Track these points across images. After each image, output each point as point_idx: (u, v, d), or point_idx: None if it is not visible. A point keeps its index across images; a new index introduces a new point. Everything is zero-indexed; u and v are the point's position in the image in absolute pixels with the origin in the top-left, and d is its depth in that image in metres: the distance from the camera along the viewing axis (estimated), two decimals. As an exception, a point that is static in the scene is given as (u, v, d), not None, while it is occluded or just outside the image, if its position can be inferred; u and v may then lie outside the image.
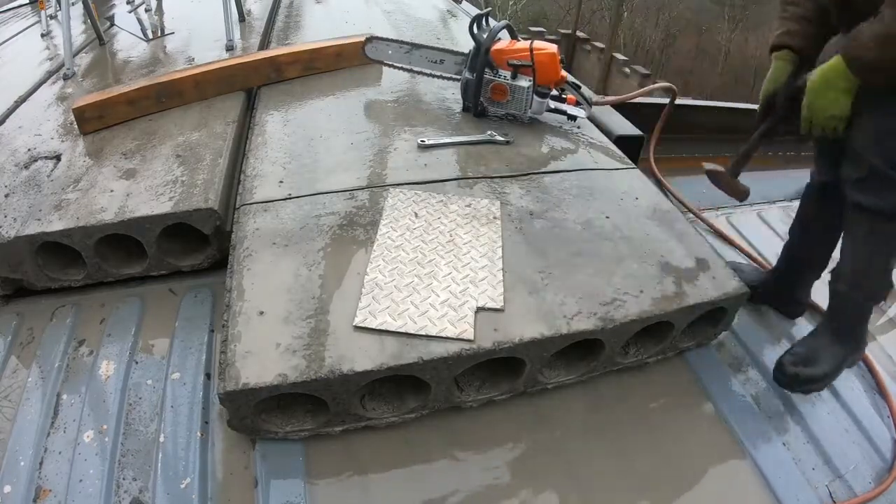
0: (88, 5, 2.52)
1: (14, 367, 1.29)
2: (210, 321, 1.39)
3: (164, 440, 1.14)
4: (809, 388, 1.33)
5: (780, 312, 1.61)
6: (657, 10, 21.13)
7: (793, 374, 1.31)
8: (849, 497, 1.19)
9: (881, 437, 1.33)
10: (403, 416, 1.18)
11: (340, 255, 1.33)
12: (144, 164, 1.61)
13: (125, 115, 1.83)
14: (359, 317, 1.16)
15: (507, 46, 1.87)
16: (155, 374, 1.27)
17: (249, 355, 1.09)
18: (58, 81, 2.18)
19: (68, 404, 1.21)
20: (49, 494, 1.05)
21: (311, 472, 1.11)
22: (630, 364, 1.33)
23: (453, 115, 1.97)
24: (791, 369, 1.31)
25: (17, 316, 1.41)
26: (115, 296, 1.46)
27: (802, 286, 1.60)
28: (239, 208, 1.48)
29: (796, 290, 1.60)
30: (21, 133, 1.81)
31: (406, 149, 1.75)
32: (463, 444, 1.18)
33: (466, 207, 1.50)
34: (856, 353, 1.39)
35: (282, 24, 2.82)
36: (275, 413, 1.14)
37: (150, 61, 2.32)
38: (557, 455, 1.17)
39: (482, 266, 1.31)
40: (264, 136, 1.78)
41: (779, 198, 2.19)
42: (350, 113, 1.94)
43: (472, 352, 1.12)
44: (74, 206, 1.43)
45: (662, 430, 1.25)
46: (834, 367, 1.34)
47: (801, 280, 1.59)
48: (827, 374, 1.33)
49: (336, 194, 1.53)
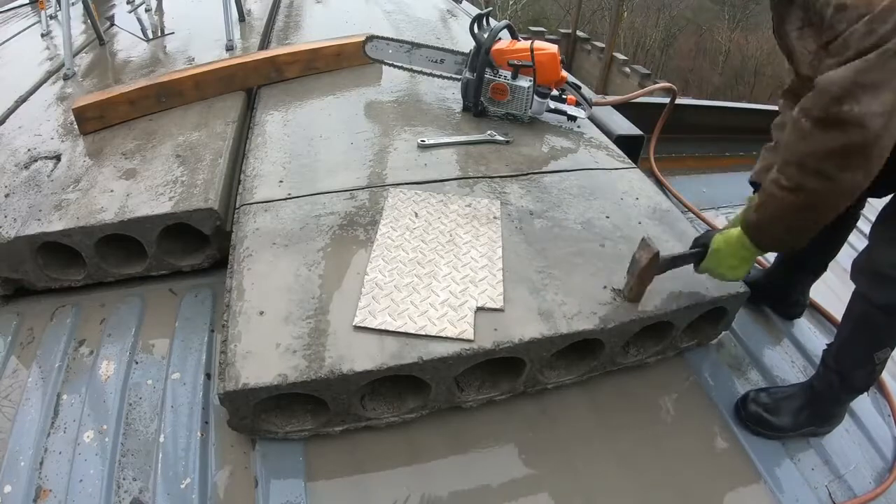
0: (88, 5, 2.52)
1: (14, 367, 1.29)
2: (210, 321, 1.39)
3: (164, 440, 1.14)
4: (764, 431, 1.26)
5: (777, 313, 1.60)
6: (657, 10, 21.13)
7: (755, 411, 1.27)
8: (849, 497, 1.19)
9: (881, 437, 1.33)
10: (403, 416, 1.18)
11: (340, 255, 1.33)
12: (144, 164, 1.61)
13: (125, 115, 1.83)
14: (358, 317, 1.16)
15: (507, 46, 1.87)
16: (155, 374, 1.27)
17: (249, 355, 1.09)
18: (58, 81, 2.18)
19: (68, 404, 1.21)
20: (49, 494, 1.05)
21: (311, 472, 1.11)
22: (630, 364, 1.33)
23: (453, 114, 1.97)
24: (753, 407, 1.27)
25: (17, 316, 1.41)
26: (115, 296, 1.46)
27: (798, 288, 1.58)
28: (239, 208, 1.48)
29: (791, 291, 1.58)
30: (21, 133, 1.81)
31: (406, 149, 1.75)
32: (463, 444, 1.18)
33: (466, 207, 1.50)
34: (821, 429, 1.30)
35: (282, 23, 2.82)
36: (275, 413, 1.14)
37: (150, 61, 2.32)
38: (557, 455, 1.17)
39: (482, 266, 1.31)
40: (264, 136, 1.78)
41: (779, 198, 2.18)
42: (350, 113, 1.94)
43: (472, 352, 1.12)
44: (74, 206, 1.43)
45: (662, 430, 1.25)
46: (792, 426, 1.27)
47: (796, 282, 1.57)
48: (783, 429, 1.26)
49: (336, 194, 1.53)
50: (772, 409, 1.26)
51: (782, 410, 1.26)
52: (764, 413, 1.26)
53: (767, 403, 1.27)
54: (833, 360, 1.25)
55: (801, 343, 1.52)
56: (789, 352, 1.50)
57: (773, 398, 1.28)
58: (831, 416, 1.29)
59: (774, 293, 1.59)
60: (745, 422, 1.27)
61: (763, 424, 1.25)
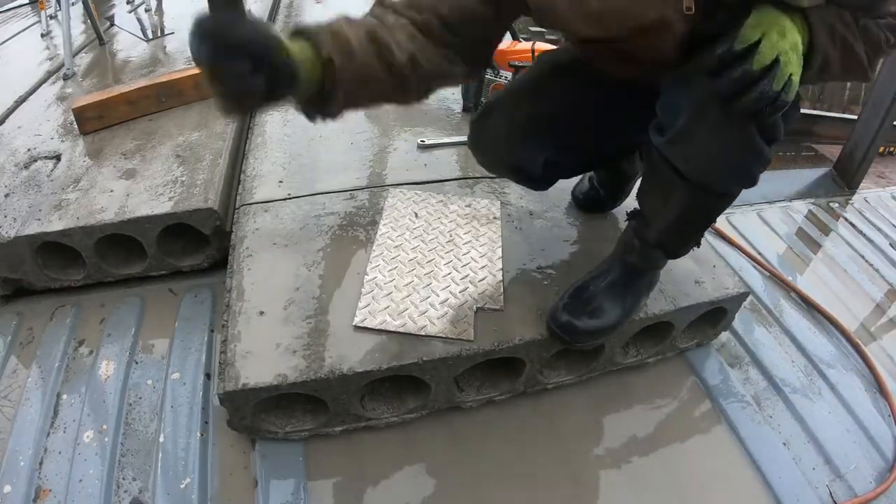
0: (88, 5, 2.51)
1: (14, 367, 1.29)
2: (210, 321, 1.39)
3: (163, 440, 1.14)
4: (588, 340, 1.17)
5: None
6: (657, 10, 21.11)
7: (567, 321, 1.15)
8: (849, 497, 1.18)
9: (882, 437, 1.32)
10: (403, 416, 1.18)
11: (340, 255, 1.33)
12: (144, 164, 1.61)
13: (125, 115, 1.83)
14: (358, 317, 1.16)
15: (508, 47, 1.87)
16: (155, 374, 1.27)
17: (249, 355, 1.09)
18: (58, 81, 2.18)
19: (68, 404, 1.21)
20: (49, 494, 1.05)
21: (311, 472, 1.11)
22: (630, 364, 1.33)
23: (453, 115, 1.97)
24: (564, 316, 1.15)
25: (17, 316, 1.41)
26: (115, 296, 1.46)
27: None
28: (239, 208, 1.48)
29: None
30: (21, 133, 1.81)
31: (406, 149, 1.75)
32: (463, 444, 1.18)
33: (466, 207, 1.49)
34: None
35: (282, 24, 2.82)
36: (274, 413, 1.14)
37: (150, 61, 2.32)
38: (557, 455, 1.17)
39: (482, 266, 1.31)
40: (264, 137, 1.78)
41: (779, 198, 2.19)
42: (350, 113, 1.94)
43: (472, 352, 1.12)
44: (74, 206, 1.43)
45: (662, 429, 1.25)
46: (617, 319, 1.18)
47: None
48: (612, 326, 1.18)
49: (336, 194, 1.53)
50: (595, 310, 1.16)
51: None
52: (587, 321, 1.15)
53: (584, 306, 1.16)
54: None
55: (801, 343, 1.52)
56: (789, 352, 1.50)
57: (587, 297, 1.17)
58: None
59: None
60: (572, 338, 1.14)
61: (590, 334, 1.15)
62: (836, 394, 1.40)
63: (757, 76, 0.77)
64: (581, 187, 1.53)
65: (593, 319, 1.15)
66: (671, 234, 1.13)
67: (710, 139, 0.91)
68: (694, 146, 0.94)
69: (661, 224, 1.12)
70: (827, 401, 1.38)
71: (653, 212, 1.13)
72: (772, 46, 0.76)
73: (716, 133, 0.90)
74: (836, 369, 1.47)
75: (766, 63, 0.76)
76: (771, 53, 0.76)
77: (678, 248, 1.19)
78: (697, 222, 1.14)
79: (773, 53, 0.76)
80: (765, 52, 0.76)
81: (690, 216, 1.10)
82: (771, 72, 0.76)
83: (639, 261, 1.18)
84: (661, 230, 1.13)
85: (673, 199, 1.05)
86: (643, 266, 1.20)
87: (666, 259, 1.21)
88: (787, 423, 1.31)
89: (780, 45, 0.76)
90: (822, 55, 0.83)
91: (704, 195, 1.03)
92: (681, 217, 1.08)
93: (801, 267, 1.86)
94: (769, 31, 0.76)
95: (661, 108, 0.97)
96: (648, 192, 1.14)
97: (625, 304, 1.19)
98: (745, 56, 0.77)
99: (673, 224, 1.10)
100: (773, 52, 0.76)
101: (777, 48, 0.76)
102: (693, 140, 0.93)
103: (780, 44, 0.77)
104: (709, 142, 0.91)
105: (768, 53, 0.76)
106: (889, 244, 2.04)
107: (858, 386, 1.44)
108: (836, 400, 1.39)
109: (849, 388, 1.42)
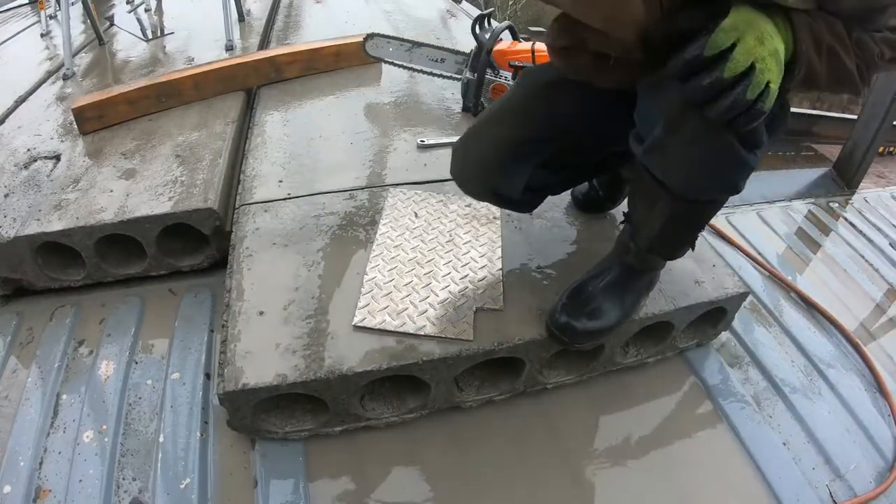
0: (88, 5, 2.52)
1: (14, 367, 1.29)
2: (210, 321, 1.39)
3: (163, 440, 1.14)
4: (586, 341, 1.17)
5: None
6: (657, 9, 21.10)
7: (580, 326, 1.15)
8: (849, 497, 1.18)
9: (882, 437, 1.32)
10: (403, 416, 1.18)
11: (340, 255, 1.33)
12: (144, 164, 1.61)
13: (125, 115, 1.83)
14: (358, 316, 1.16)
15: (508, 47, 1.86)
16: (154, 374, 1.27)
17: (249, 355, 1.09)
18: (57, 81, 2.18)
19: (68, 404, 1.20)
20: (49, 494, 1.05)
21: (311, 472, 1.11)
22: (630, 364, 1.33)
23: (453, 115, 1.97)
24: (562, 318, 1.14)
25: (17, 316, 1.41)
26: (115, 296, 1.46)
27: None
28: (238, 208, 1.48)
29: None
30: (21, 133, 1.81)
31: (406, 149, 1.75)
32: (463, 444, 1.18)
33: (466, 207, 1.49)
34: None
35: (281, 24, 2.82)
36: (274, 413, 1.14)
37: (150, 61, 2.32)
38: (557, 455, 1.17)
39: (482, 266, 1.31)
40: (264, 136, 1.78)
41: (779, 198, 2.19)
42: (350, 113, 1.94)
43: (472, 352, 1.12)
44: (74, 206, 1.43)
45: (662, 429, 1.25)
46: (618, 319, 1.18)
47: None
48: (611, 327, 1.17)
49: (336, 194, 1.53)
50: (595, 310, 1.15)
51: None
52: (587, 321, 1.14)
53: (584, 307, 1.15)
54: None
55: (801, 343, 1.52)
56: (789, 351, 1.50)
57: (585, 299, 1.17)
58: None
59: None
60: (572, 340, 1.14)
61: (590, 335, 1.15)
62: (836, 394, 1.40)
63: (728, 84, 0.72)
64: (581, 187, 1.54)
65: (592, 320, 1.15)
66: (661, 239, 1.12)
67: (688, 149, 0.87)
68: (672, 156, 0.90)
69: (649, 231, 1.10)
70: (827, 401, 1.38)
71: (640, 219, 1.11)
72: (747, 52, 0.71)
73: (693, 142, 0.86)
74: (836, 369, 1.47)
75: (739, 71, 0.72)
76: (745, 60, 0.72)
77: (670, 252, 1.18)
78: (686, 228, 1.12)
79: (748, 60, 0.72)
80: (738, 58, 0.71)
81: (677, 223, 1.08)
82: (746, 80, 0.72)
83: (636, 262, 1.18)
84: (650, 237, 1.11)
85: (657, 207, 1.03)
86: (641, 267, 1.19)
87: (664, 261, 1.21)
88: (787, 423, 1.31)
89: (757, 51, 0.72)
90: (805, 64, 0.78)
91: (687, 203, 1.00)
92: (667, 224, 1.06)
93: (800, 267, 1.86)
94: (745, 36, 0.72)
95: (637, 116, 0.94)
96: (635, 200, 1.13)
97: (624, 304, 1.19)
98: (717, 62, 0.72)
99: (661, 230, 1.08)
100: (747, 58, 0.72)
101: (753, 54, 0.72)
102: (670, 150, 0.89)
103: (757, 50, 0.72)
104: (687, 151, 0.88)
105: (742, 60, 0.71)
106: (889, 244, 2.04)
107: (858, 386, 1.44)
108: (836, 400, 1.39)
109: (849, 388, 1.42)
